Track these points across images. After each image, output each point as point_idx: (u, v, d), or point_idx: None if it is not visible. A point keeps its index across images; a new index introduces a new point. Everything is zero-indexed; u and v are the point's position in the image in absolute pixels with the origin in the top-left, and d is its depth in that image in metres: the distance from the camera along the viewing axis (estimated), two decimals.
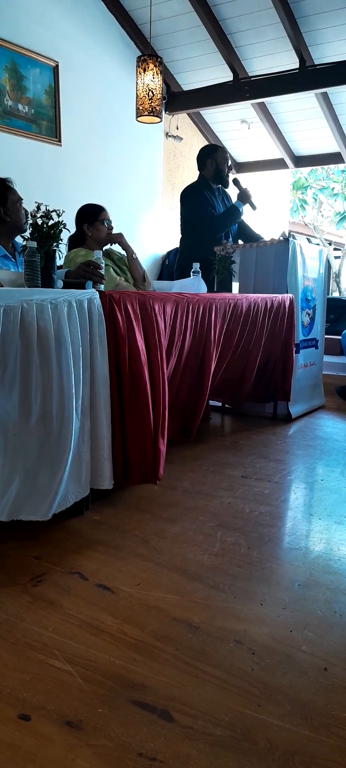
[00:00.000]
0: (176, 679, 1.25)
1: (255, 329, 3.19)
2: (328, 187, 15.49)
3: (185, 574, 1.70)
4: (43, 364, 1.82)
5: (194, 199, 3.88)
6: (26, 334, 1.76)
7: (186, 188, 4.00)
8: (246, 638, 1.40)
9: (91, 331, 1.96)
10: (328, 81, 5.23)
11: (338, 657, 1.35)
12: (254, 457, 2.88)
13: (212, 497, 2.32)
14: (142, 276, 3.13)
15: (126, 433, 2.10)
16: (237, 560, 1.79)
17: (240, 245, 3.87)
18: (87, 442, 1.95)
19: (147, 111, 4.20)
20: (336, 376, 4.64)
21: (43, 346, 1.80)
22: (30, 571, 1.68)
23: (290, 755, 1.06)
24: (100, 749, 1.06)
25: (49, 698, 1.18)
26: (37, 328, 1.78)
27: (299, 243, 3.71)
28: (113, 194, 5.35)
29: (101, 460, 2.01)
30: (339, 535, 2.02)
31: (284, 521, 2.16)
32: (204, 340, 2.71)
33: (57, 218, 2.08)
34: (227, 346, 2.97)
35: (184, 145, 6.51)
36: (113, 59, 5.45)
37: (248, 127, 6.61)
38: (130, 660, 1.31)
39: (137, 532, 1.97)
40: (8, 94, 4.49)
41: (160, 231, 6.27)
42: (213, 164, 3.90)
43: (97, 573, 1.68)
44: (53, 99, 4.85)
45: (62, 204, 2.28)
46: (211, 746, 1.07)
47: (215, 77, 5.78)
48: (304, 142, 6.78)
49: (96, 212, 3.03)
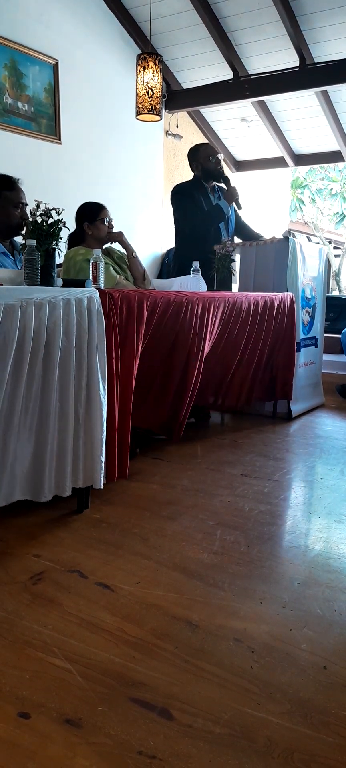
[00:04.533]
0: (175, 677, 1.25)
1: (255, 328, 3.18)
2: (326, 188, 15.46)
3: (185, 572, 1.70)
4: (43, 361, 1.82)
5: (178, 199, 3.87)
6: (26, 332, 1.76)
7: (174, 188, 3.99)
8: (246, 636, 1.40)
9: (91, 329, 1.96)
10: (328, 79, 5.21)
11: (337, 655, 1.35)
12: (253, 455, 2.88)
13: (212, 495, 2.32)
14: (142, 274, 3.13)
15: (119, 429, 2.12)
16: (237, 558, 1.80)
17: (240, 244, 3.86)
18: (83, 439, 1.95)
19: (147, 109, 4.19)
20: (336, 375, 4.64)
21: (42, 344, 1.80)
22: (29, 569, 1.68)
23: (289, 753, 1.06)
24: (99, 747, 1.06)
25: (48, 696, 1.18)
26: (36, 326, 1.78)
27: (299, 242, 3.71)
28: (113, 192, 5.35)
29: (96, 458, 2.00)
30: (339, 533, 2.02)
31: (284, 520, 2.16)
32: (204, 338, 2.71)
33: (57, 216, 2.08)
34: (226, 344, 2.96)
35: (184, 144, 6.49)
36: (113, 57, 5.44)
37: (248, 126, 6.60)
38: (130, 658, 1.31)
39: (137, 531, 1.97)
40: (8, 92, 4.49)
41: (159, 229, 6.26)
42: (198, 166, 3.88)
43: (96, 571, 1.68)
44: (53, 97, 4.85)
45: (62, 202, 2.28)
46: (210, 744, 1.08)
47: (215, 75, 5.77)
48: (304, 140, 6.77)
49: (96, 211, 3.02)
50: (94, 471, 2.00)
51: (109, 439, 2.05)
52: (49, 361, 1.84)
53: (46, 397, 1.86)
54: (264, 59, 5.46)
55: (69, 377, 1.89)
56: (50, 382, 1.86)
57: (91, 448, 1.99)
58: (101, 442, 1.99)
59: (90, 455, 1.99)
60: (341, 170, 14.82)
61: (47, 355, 1.83)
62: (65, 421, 1.90)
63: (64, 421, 1.90)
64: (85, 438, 1.97)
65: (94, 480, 2.00)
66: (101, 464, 2.00)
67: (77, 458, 1.95)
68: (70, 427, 1.91)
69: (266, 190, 7.80)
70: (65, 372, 1.88)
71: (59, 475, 1.92)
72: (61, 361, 1.86)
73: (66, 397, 1.89)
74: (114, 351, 2.06)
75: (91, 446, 1.99)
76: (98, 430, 1.98)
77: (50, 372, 1.85)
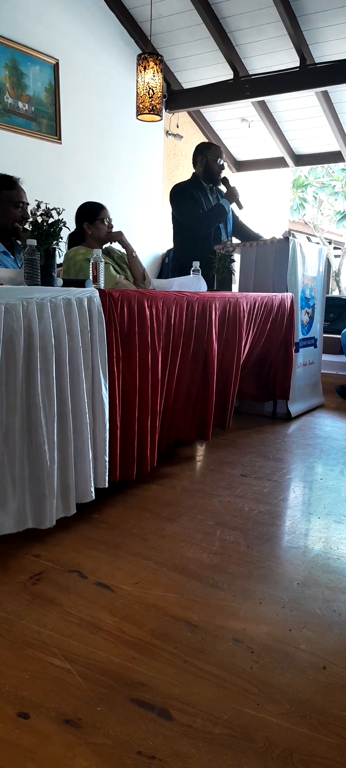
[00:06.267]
0: (174, 678, 1.25)
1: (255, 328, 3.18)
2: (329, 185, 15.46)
3: (184, 572, 1.70)
4: (43, 362, 1.82)
5: (178, 198, 3.86)
6: (26, 332, 1.76)
7: (173, 187, 3.98)
8: (245, 637, 1.40)
9: (91, 329, 1.96)
10: (328, 79, 5.22)
11: (337, 656, 1.35)
12: (253, 455, 2.88)
13: (211, 496, 2.32)
14: (142, 274, 3.13)
15: (121, 430, 2.12)
16: (236, 559, 1.80)
17: (240, 244, 3.86)
18: (87, 439, 1.95)
19: (147, 109, 4.19)
20: (336, 375, 4.64)
21: (42, 345, 1.80)
22: (29, 569, 1.68)
23: (288, 753, 1.06)
24: (99, 747, 1.06)
25: (48, 696, 1.18)
26: (36, 326, 1.78)
27: (299, 242, 3.71)
28: (113, 192, 5.35)
29: (100, 458, 2.01)
30: (338, 533, 2.02)
31: (283, 520, 2.16)
32: (206, 338, 2.71)
33: (57, 216, 2.08)
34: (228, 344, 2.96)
35: (184, 144, 6.49)
36: (113, 57, 5.44)
37: (249, 126, 6.61)
38: (129, 658, 1.31)
39: (136, 531, 1.97)
40: (8, 91, 4.49)
41: (160, 229, 6.26)
42: (203, 162, 3.87)
43: (96, 571, 1.68)
44: (53, 97, 4.85)
45: (62, 202, 2.28)
46: (210, 744, 1.08)
47: (216, 75, 5.77)
48: (304, 140, 6.77)
49: (96, 210, 3.02)
50: (98, 470, 2.00)
51: (112, 439, 2.05)
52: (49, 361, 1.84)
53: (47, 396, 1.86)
54: (264, 59, 5.46)
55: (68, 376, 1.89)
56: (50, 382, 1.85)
57: (94, 448, 1.99)
58: (105, 442, 2.00)
59: (93, 454, 1.99)
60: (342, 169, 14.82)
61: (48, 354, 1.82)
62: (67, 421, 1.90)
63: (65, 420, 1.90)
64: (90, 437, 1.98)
65: (99, 480, 2.00)
66: (105, 464, 2.00)
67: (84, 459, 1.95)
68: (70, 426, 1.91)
69: (267, 190, 7.80)
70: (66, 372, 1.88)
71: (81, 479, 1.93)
72: (62, 360, 1.86)
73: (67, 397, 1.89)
74: (115, 351, 2.06)
75: (95, 446, 1.99)
76: (101, 429, 1.98)
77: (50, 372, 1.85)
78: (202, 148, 3.96)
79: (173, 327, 2.43)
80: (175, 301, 2.44)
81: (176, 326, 2.45)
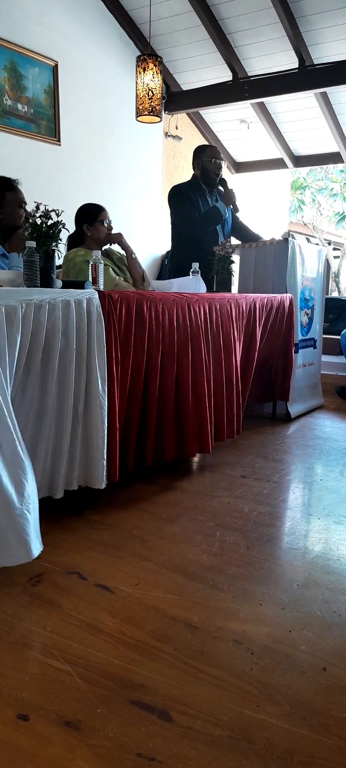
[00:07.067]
0: (174, 679, 1.25)
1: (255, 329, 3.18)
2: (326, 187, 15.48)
3: (184, 573, 1.70)
4: (42, 363, 1.82)
5: (175, 200, 3.86)
6: (25, 333, 1.76)
7: (171, 189, 3.98)
8: (245, 638, 1.40)
9: (90, 330, 1.96)
10: (327, 81, 5.23)
11: (337, 657, 1.35)
12: (253, 456, 2.88)
13: (211, 497, 2.32)
14: (142, 276, 3.13)
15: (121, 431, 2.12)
16: (236, 560, 1.79)
17: (239, 245, 3.87)
18: (81, 441, 1.96)
19: (147, 111, 4.20)
20: (335, 376, 4.64)
21: (42, 346, 1.80)
22: (29, 571, 1.68)
23: (288, 755, 1.06)
24: (99, 749, 1.06)
25: (48, 698, 1.18)
26: (36, 327, 1.78)
27: (299, 243, 3.71)
28: (112, 194, 5.35)
29: (96, 460, 2.00)
30: (338, 534, 2.02)
31: (283, 521, 2.16)
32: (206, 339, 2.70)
33: (56, 218, 2.08)
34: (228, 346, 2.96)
35: (183, 145, 6.50)
36: (113, 59, 5.44)
37: (248, 127, 6.61)
38: (129, 660, 1.31)
39: (136, 532, 1.97)
40: (7, 93, 4.49)
41: (159, 231, 6.27)
42: (199, 165, 3.87)
43: (96, 573, 1.68)
44: (52, 99, 4.85)
45: (61, 203, 2.28)
46: (210, 746, 1.07)
47: (215, 77, 5.78)
48: (303, 141, 6.78)
49: (96, 212, 3.02)
50: (96, 471, 2.00)
51: (111, 440, 2.05)
52: (48, 362, 1.84)
53: (46, 397, 1.86)
54: (263, 61, 5.47)
55: (67, 378, 1.89)
56: (49, 383, 1.86)
57: (91, 449, 1.99)
58: (103, 443, 1.99)
59: (90, 456, 1.99)
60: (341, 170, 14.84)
61: (47, 356, 1.83)
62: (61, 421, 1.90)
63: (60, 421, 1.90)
64: (83, 438, 1.97)
65: (96, 480, 2.00)
66: (103, 465, 2.00)
67: (74, 458, 1.95)
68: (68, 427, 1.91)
69: (266, 192, 7.81)
70: (65, 373, 1.88)
71: (53, 474, 1.92)
72: (61, 361, 1.86)
73: (66, 398, 1.89)
74: (114, 352, 2.06)
75: (91, 447, 1.99)
76: (99, 430, 1.98)
77: (49, 373, 1.85)
78: (198, 152, 3.96)
79: (175, 328, 2.43)
80: (175, 302, 2.43)
81: (176, 327, 2.45)
